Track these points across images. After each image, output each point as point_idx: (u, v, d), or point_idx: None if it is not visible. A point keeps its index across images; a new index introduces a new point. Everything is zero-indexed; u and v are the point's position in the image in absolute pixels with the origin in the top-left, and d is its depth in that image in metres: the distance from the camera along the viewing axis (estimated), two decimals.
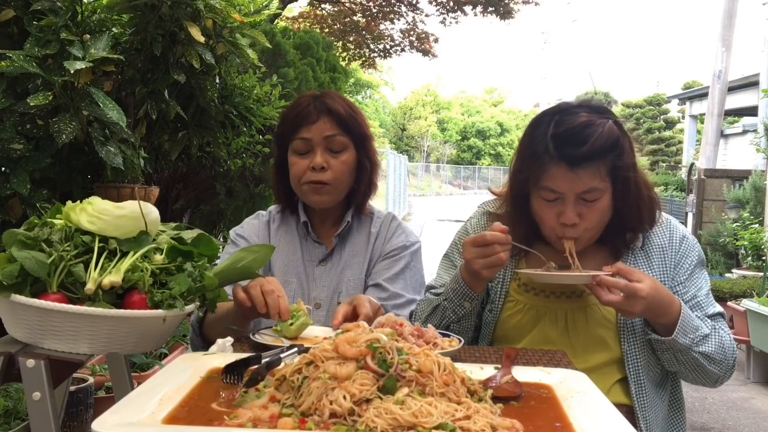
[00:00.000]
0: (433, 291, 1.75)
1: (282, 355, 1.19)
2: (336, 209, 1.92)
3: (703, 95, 15.99)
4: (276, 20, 8.82)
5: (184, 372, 1.15)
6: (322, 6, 12.92)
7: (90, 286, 1.06)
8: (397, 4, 12.64)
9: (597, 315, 1.60)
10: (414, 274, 1.91)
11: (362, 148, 1.88)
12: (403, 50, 13.95)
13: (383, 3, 12.58)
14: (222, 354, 1.28)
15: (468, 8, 12.42)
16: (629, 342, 1.58)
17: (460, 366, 1.10)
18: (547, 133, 1.50)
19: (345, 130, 1.83)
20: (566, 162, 1.47)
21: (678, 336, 1.48)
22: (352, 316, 1.55)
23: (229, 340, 1.35)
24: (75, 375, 2.09)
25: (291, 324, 1.48)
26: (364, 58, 14.51)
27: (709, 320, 1.59)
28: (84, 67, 2.16)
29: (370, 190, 1.94)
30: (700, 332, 1.52)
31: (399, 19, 13.13)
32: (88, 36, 2.32)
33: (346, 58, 13.75)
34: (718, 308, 1.65)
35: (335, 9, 12.90)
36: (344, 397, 0.93)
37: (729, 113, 15.24)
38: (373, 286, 1.85)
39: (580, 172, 1.47)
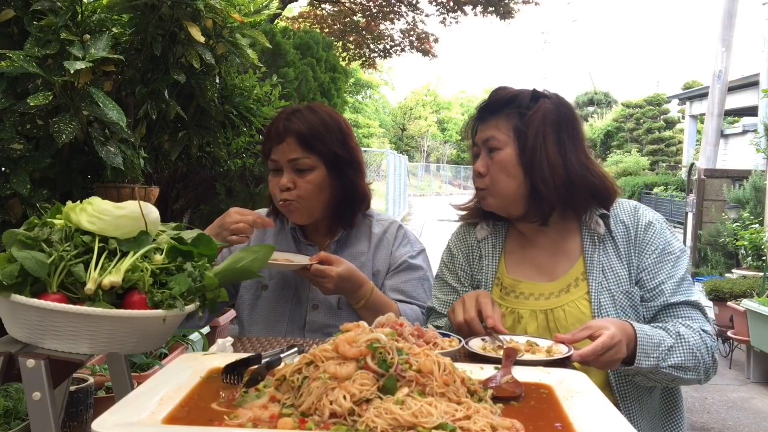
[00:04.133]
0: (435, 324, 1.76)
1: (282, 355, 1.20)
2: (323, 220, 1.95)
3: (703, 95, 15.99)
4: (276, 20, 8.82)
5: (184, 372, 1.15)
6: (322, 6, 12.92)
7: (90, 286, 1.06)
8: (397, 4, 12.64)
9: (575, 312, 1.61)
10: (430, 282, 1.97)
11: (334, 168, 1.87)
12: (403, 50, 13.94)
13: (383, 3, 12.57)
14: (222, 354, 1.28)
15: (468, 8, 12.42)
16: None
17: (460, 366, 1.10)
18: None
19: (310, 150, 1.83)
20: (479, 118, 1.71)
21: (641, 361, 1.45)
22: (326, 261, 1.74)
23: (229, 340, 1.35)
24: (75, 375, 2.09)
25: None
26: (364, 58, 14.50)
27: (671, 327, 1.54)
28: (84, 67, 2.16)
29: (354, 206, 1.94)
30: (663, 346, 1.48)
31: (399, 19, 13.13)
32: (88, 36, 2.31)
33: (346, 58, 13.75)
34: (689, 297, 1.61)
35: (335, 9, 12.90)
36: (344, 397, 0.93)
37: (729, 113, 15.25)
38: (402, 301, 1.89)
39: (486, 123, 1.67)
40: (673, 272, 1.62)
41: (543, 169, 1.59)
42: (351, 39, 13.48)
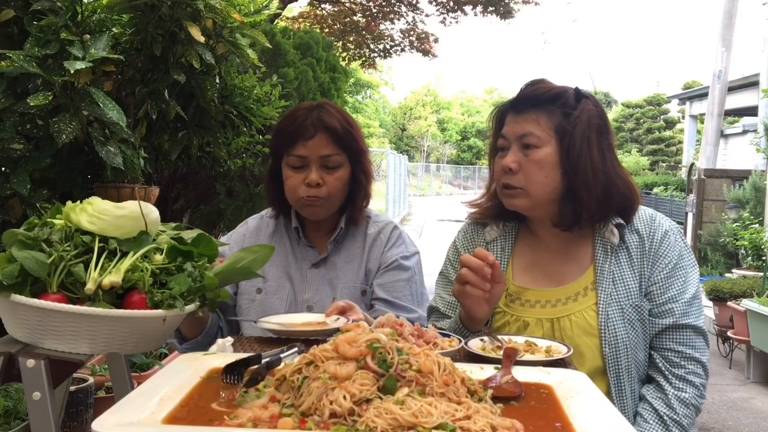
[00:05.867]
0: (437, 324, 1.73)
1: (282, 355, 1.19)
2: (330, 218, 1.93)
3: (703, 95, 15.99)
4: (276, 20, 8.82)
5: (184, 372, 1.15)
6: (322, 6, 12.91)
7: (90, 286, 1.06)
8: (397, 4, 12.64)
9: (581, 322, 1.60)
10: (417, 286, 1.94)
11: (357, 164, 1.88)
12: (403, 50, 13.94)
13: (383, 3, 12.57)
14: (222, 354, 1.28)
15: (468, 8, 12.42)
16: (610, 346, 1.57)
17: (460, 366, 1.10)
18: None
19: (341, 147, 1.83)
20: (513, 109, 1.61)
21: None
22: (343, 313, 1.60)
23: (229, 340, 1.35)
24: (75, 375, 2.09)
25: None
26: (364, 58, 14.50)
27: (671, 414, 1.54)
28: (84, 67, 2.16)
29: (365, 201, 1.95)
30: None
31: (399, 19, 13.13)
32: (88, 36, 2.31)
33: (346, 58, 13.74)
34: (696, 321, 1.60)
35: (335, 9, 12.89)
36: (344, 397, 0.92)
37: (729, 113, 15.24)
38: (383, 302, 1.87)
39: (523, 116, 1.58)
40: (684, 288, 1.60)
41: (587, 174, 1.54)
42: (351, 39, 13.47)
